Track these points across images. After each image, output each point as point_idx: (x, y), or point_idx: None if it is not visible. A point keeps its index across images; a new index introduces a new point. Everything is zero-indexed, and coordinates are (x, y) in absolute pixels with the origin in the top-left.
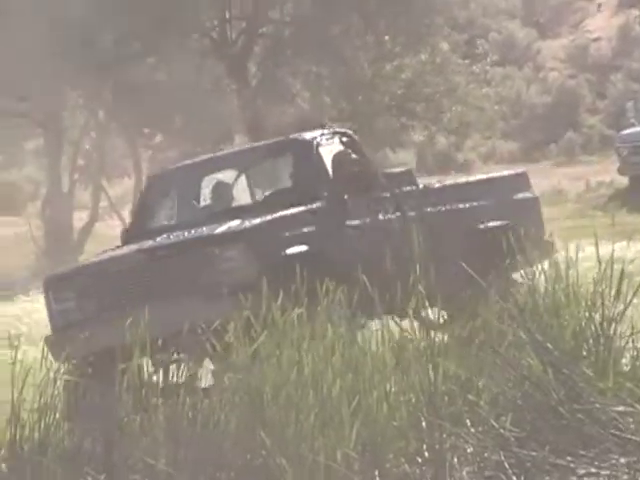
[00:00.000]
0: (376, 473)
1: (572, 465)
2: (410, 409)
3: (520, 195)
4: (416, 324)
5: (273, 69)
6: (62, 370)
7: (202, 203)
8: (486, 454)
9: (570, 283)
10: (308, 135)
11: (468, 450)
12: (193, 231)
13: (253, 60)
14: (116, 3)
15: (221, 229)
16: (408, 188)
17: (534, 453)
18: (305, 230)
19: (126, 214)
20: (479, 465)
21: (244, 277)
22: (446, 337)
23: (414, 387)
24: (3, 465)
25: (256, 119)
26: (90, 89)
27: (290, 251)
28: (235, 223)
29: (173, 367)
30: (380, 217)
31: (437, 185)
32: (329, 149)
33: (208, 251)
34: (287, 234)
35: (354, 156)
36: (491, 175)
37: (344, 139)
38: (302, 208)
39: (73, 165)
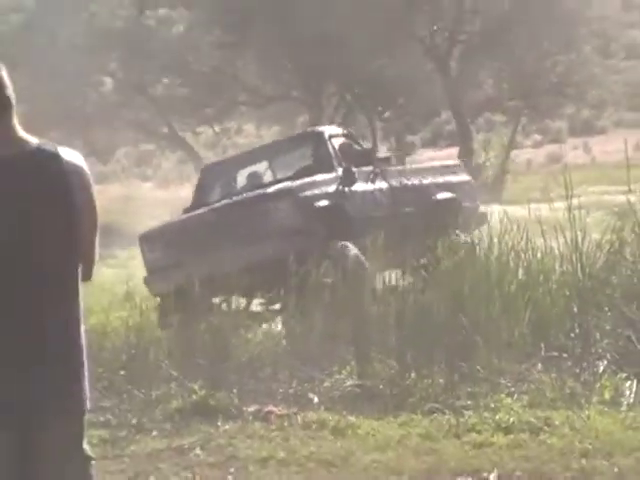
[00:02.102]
0: (542, 345)
1: None
2: (565, 300)
3: (459, 177)
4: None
5: (468, 65)
6: None
7: (240, 185)
8: (619, 330)
9: None
10: (321, 129)
11: (606, 327)
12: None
13: (453, 59)
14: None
15: (273, 188)
16: (390, 168)
17: None
18: (329, 190)
19: None
20: (615, 338)
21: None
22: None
23: (567, 283)
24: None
25: (455, 99)
26: (341, 81)
27: (321, 204)
28: (282, 184)
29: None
30: (376, 185)
31: (408, 167)
32: (336, 140)
33: (263, 205)
34: (318, 192)
35: (355, 145)
36: (437, 163)
37: (344, 132)
38: (326, 175)
39: None
